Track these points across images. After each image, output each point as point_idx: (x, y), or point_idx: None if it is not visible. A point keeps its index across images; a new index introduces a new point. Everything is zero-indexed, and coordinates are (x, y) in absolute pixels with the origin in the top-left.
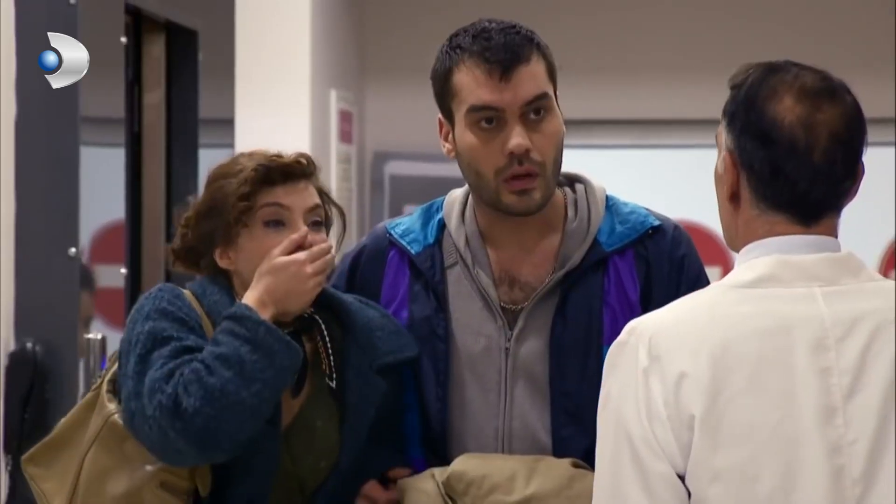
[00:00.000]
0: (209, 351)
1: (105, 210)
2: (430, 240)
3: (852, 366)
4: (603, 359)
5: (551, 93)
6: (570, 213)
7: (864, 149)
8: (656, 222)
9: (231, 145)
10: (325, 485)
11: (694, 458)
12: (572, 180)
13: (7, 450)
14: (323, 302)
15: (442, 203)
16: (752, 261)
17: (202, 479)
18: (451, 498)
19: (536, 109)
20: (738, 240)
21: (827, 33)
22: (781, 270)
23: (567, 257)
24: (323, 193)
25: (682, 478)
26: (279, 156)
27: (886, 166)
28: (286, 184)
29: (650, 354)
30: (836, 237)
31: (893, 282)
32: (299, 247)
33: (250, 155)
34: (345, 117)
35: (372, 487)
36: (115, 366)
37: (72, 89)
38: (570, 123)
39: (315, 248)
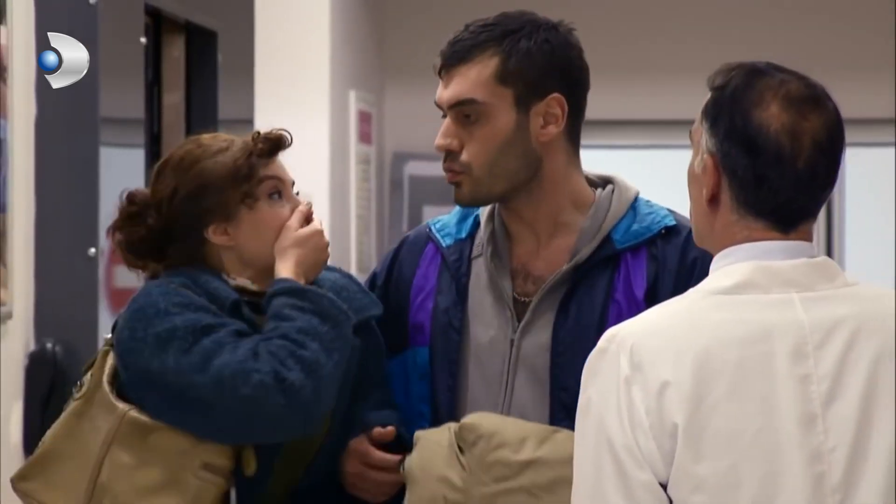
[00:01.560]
0: (287, 327)
1: None
2: (463, 234)
3: (831, 372)
4: None
5: (487, 99)
6: (592, 212)
7: (843, 154)
8: (672, 222)
9: None
10: (322, 448)
11: (676, 466)
12: (606, 182)
13: (27, 450)
14: None
15: None
16: (730, 266)
17: (248, 458)
18: (459, 448)
19: (466, 114)
20: (714, 242)
21: (829, 35)
22: (759, 276)
23: (577, 252)
24: None
25: (664, 486)
26: (258, 132)
27: (886, 166)
28: (273, 156)
29: (632, 363)
30: (811, 241)
31: (868, 287)
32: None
33: (215, 136)
34: (364, 118)
35: (360, 442)
36: (107, 365)
37: (91, 90)
38: (585, 124)
39: (317, 220)
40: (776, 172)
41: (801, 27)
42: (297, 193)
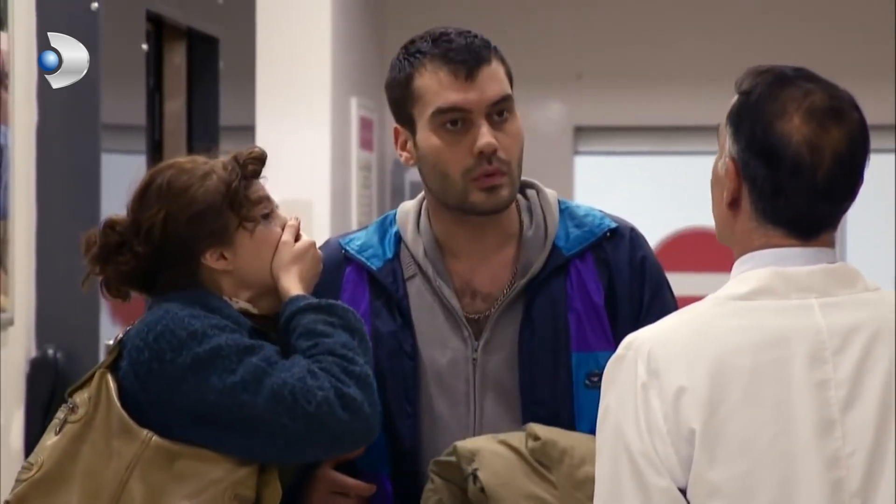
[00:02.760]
0: (330, 343)
1: None
2: (390, 254)
3: (849, 377)
4: (571, 364)
5: (512, 94)
6: (525, 219)
7: (866, 165)
8: (613, 224)
9: None
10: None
11: (693, 472)
12: (523, 186)
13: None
14: None
15: (395, 216)
16: (747, 273)
17: (273, 488)
18: (540, 463)
19: (500, 111)
20: (735, 245)
21: (829, 41)
22: (777, 282)
23: (527, 264)
24: None
25: (683, 492)
26: (240, 152)
27: (887, 173)
28: (259, 176)
29: (649, 369)
30: (833, 247)
31: (889, 292)
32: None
33: (194, 159)
34: (365, 125)
35: (329, 471)
36: (109, 391)
37: (93, 97)
38: (589, 130)
39: (305, 233)
40: (795, 184)
41: (801, 33)
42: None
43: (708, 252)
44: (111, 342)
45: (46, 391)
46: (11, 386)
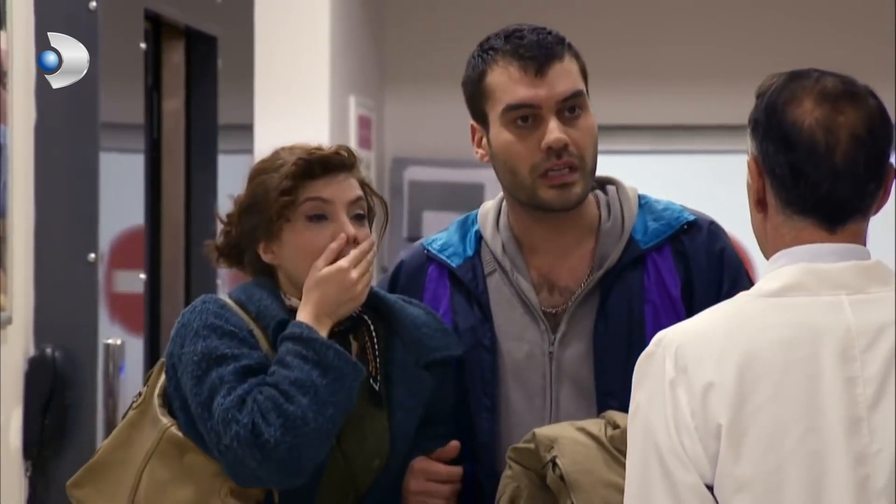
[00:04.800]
0: (282, 376)
1: (124, 216)
2: (470, 251)
3: (877, 375)
4: None
5: (585, 92)
6: (604, 214)
7: (890, 151)
8: (691, 217)
9: (250, 151)
10: (377, 483)
11: (720, 467)
12: (603, 183)
13: (27, 455)
14: (367, 301)
15: (476, 216)
16: (779, 269)
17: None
18: (622, 452)
19: (571, 107)
20: (769, 246)
21: (828, 41)
22: (808, 279)
23: (604, 257)
24: (365, 185)
25: (711, 488)
26: (319, 148)
27: None
28: (326, 176)
29: (677, 365)
30: (864, 244)
31: None
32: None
33: (291, 149)
34: (364, 123)
35: (422, 461)
36: (161, 378)
37: (91, 95)
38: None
39: (355, 252)
40: (812, 166)
41: (801, 33)
42: (363, 214)
43: None
44: (111, 341)
45: (45, 390)
46: (10, 385)
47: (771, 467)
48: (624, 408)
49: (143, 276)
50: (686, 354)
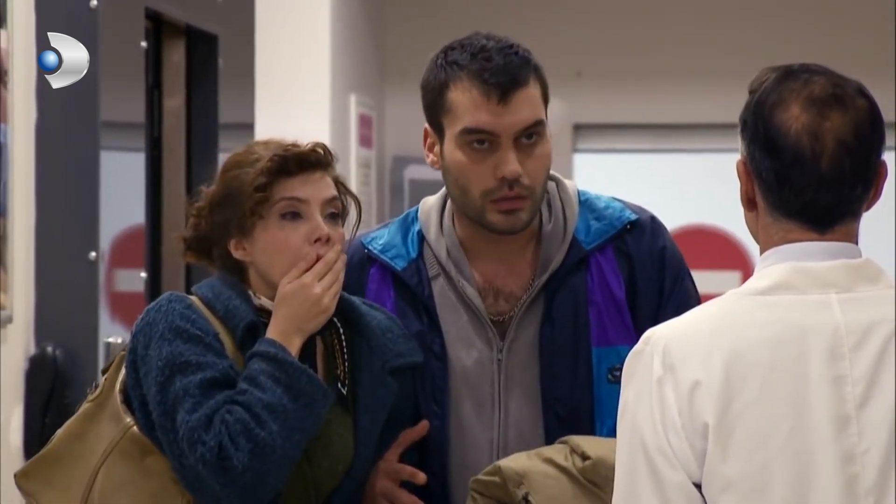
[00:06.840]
0: (256, 398)
1: (125, 214)
2: (413, 253)
3: (866, 374)
4: (592, 359)
5: (545, 118)
6: (545, 214)
7: (880, 151)
8: (633, 216)
9: None
10: (341, 487)
11: (707, 466)
12: None
13: (28, 455)
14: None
15: (416, 214)
16: (768, 268)
17: None
18: (592, 482)
19: (529, 135)
20: (760, 244)
21: (828, 39)
22: (796, 278)
23: (547, 261)
24: (339, 184)
25: (699, 486)
26: (295, 145)
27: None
28: (302, 174)
29: (664, 363)
30: (855, 243)
31: None
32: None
33: (265, 144)
34: (364, 122)
35: (391, 488)
36: (121, 373)
37: (92, 94)
38: (589, 128)
39: (318, 266)
40: (797, 173)
41: (801, 33)
42: (337, 213)
43: (707, 249)
44: (112, 340)
45: (45, 389)
46: (10, 383)
47: (757, 466)
48: (571, 412)
49: (143, 274)
50: (674, 352)
